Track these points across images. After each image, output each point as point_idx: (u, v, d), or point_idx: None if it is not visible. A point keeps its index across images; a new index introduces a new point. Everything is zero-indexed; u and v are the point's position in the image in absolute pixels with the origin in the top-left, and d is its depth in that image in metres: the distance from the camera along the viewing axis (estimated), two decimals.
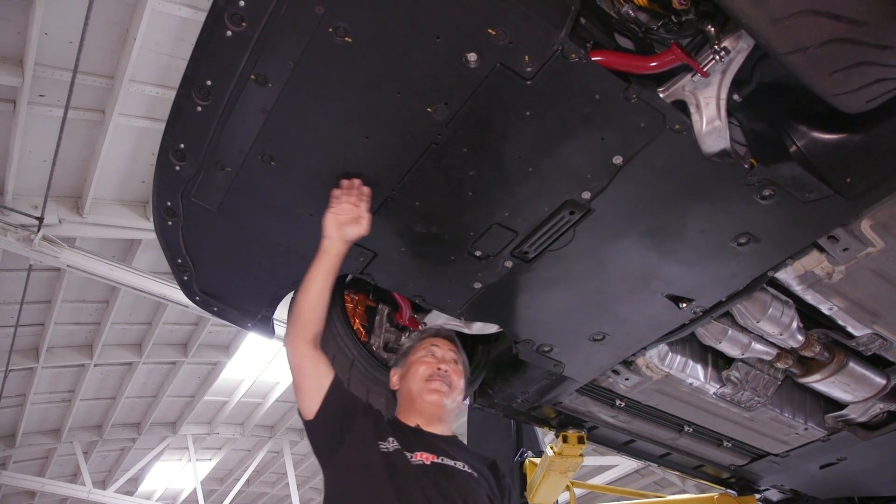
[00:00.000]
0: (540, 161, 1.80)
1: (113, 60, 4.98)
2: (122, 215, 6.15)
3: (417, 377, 1.99)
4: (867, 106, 1.53)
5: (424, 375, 1.98)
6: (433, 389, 1.96)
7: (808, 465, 3.55)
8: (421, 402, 1.96)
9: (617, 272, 2.16)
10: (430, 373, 1.99)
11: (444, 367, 2.00)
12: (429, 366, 2.00)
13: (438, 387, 1.96)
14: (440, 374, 1.98)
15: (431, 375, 1.98)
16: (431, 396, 1.95)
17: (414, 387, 1.99)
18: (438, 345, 2.07)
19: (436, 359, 2.03)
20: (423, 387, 1.97)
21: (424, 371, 1.99)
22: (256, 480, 13.47)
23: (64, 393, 9.46)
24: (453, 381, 2.00)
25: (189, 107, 1.71)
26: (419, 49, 1.56)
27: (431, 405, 1.95)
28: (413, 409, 1.97)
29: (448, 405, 1.97)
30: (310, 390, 1.83)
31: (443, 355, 2.04)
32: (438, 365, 2.00)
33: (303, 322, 1.83)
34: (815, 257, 2.25)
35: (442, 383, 1.97)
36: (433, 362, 2.01)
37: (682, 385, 2.87)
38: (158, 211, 1.98)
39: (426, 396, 1.96)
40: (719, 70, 1.70)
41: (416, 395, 1.97)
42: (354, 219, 1.81)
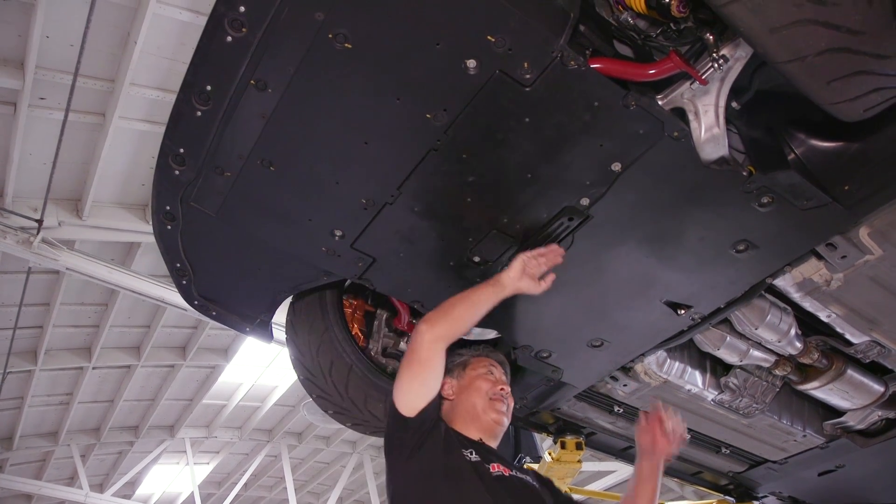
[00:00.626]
0: (539, 167, 1.80)
1: (114, 64, 4.99)
2: (122, 218, 6.15)
3: (482, 393, 2.04)
4: (865, 115, 1.54)
5: (490, 394, 2.04)
6: (498, 410, 2.02)
7: (807, 472, 3.55)
8: (486, 418, 2.00)
9: (615, 278, 2.16)
10: (495, 392, 2.05)
11: (506, 389, 2.08)
12: (492, 384, 2.06)
13: (502, 407, 2.03)
14: (503, 395, 2.06)
15: (496, 394, 2.04)
16: (496, 415, 2.01)
17: (479, 402, 2.03)
18: (496, 367, 2.14)
19: (497, 379, 2.09)
20: (488, 405, 2.02)
21: (489, 389, 2.05)
22: (254, 484, 13.44)
23: (62, 395, 9.44)
24: (510, 404, 2.08)
25: (189, 112, 1.71)
26: (419, 55, 1.56)
27: (495, 423, 2.01)
28: (475, 423, 2.00)
29: (506, 424, 2.05)
30: (423, 388, 1.84)
31: (501, 378, 2.12)
32: (501, 386, 2.07)
33: (455, 328, 1.88)
34: (814, 265, 2.25)
35: (504, 404, 2.04)
36: (496, 381, 2.08)
37: (681, 391, 2.87)
38: (158, 215, 1.98)
39: (491, 414, 2.01)
40: (718, 78, 1.70)
41: (481, 412, 2.01)
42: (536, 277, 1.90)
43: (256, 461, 11.82)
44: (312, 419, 4.44)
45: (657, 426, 2.04)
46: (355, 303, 2.58)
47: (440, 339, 1.85)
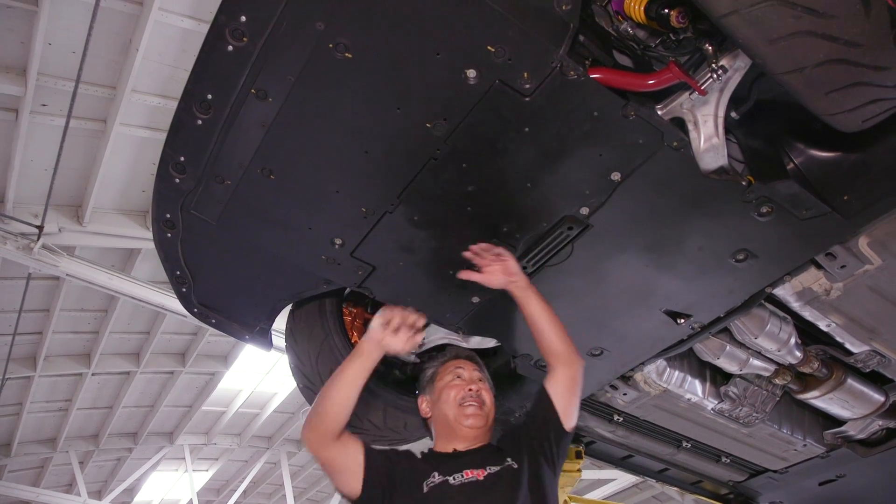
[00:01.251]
0: (538, 177, 1.81)
1: (115, 71, 5.00)
2: (123, 224, 6.14)
3: (451, 402, 1.97)
4: (863, 125, 1.54)
5: (457, 400, 1.97)
6: (469, 414, 1.94)
7: (807, 481, 3.54)
8: (459, 427, 1.94)
9: (615, 287, 2.16)
10: (462, 395, 1.97)
11: (475, 387, 1.99)
12: (459, 388, 1.99)
13: (474, 411, 1.95)
14: (472, 395, 1.97)
15: (464, 398, 1.96)
16: (469, 420, 1.93)
17: (450, 413, 1.96)
18: (462, 366, 2.06)
19: (464, 381, 2.02)
20: (458, 412, 1.95)
21: (456, 395, 1.97)
22: (253, 492, 13.38)
23: (61, 402, 9.41)
24: (485, 398, 2.00)
25: (189, 120, 1.72)
26: (419, 65, 1.57)
27: (470, 428, 1.94)
28: (452, 435, 1.95)
29: (485, 422, 1.97)
30: (347, 475, 1.80)
31: (470, 376, 2.04)
32: (468, 386, 1.99)
33: (330, 419, 1.80)
34: (813, 274, 2.25)
35: (475, 405, 1.96)
36: (462, 384, 2.00)
37: (681, 400, 2.87)
38: (158, 223, 1.98)
39: (464, 422, 1.94)
40: (717, 88, 1.71)
41: (454, 422, 1.95)
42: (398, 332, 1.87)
43: (255, 468, 11.77)
44: None
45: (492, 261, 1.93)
46: (355, 311, 2.58)
47: (323, 438, 1.80)
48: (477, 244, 1.94)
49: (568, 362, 1.94)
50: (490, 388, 2.07)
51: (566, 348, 1.94)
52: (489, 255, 1.93)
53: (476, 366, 2.10)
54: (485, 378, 2.08)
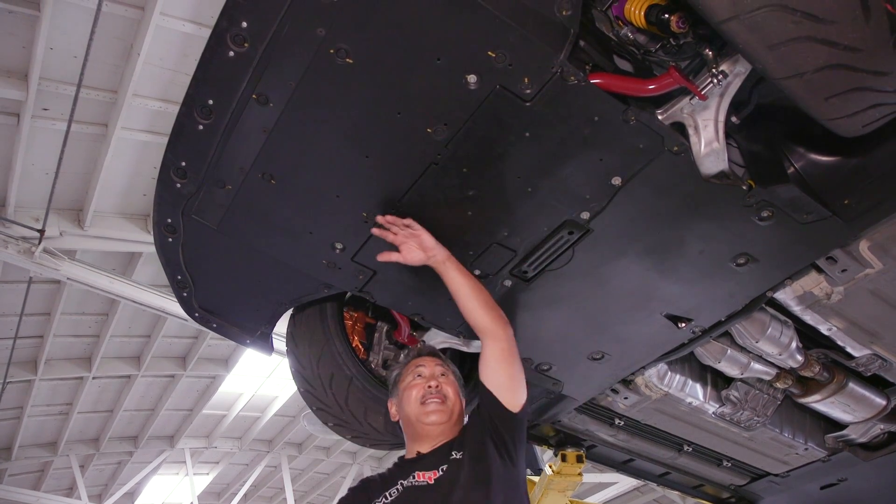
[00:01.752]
0: (539, 181, 1.81)
1: (116, 75, 5.02)
2: (124, 228, 6.16)
3: (412, 402, 1.96)
4: (863, 130, 1.54)
5: (418, 398, 1.96)
6: (430, 411, 1.93)
7: (809, 485, 3.53)
8: (422, 425, 1.93)
9: (616, 291, 2.16)
10: (423, 393, 1.96)
11: (434, 383, 1.98)
12: (419, 387, 1.97)
13: (435, 407, 1.93)
14: (432, 392, 1.95)
15: (424, 396, 1.95)
16: (430, 417, 1.92)
17: (411, 412, 1.96)
18: (423, 364, 2.04)
19: (424, 378, 2.00)
20: (419, 410, 1.94)
21: (416, 394, 1.96)
22: (254, 495, 13.36)
23: (61, 405, 9.41)
24: (447, 392, 1.97)
25: (191, 125, 1.72)
26: (419, 70, 1.57)
27: (433, 425, 1.92)
28: (417, 435, 1.95)
29: (448, 417, 1.94)
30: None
31: (430, 372, 2.02)
32: (428, 383, 1.97)
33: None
34: (814, 278, 2.25)
35: (436, 401, 1.94)
36: (422, 382, 1.98)
37: (682, 404, 2.86)
38: (159, 227, 1.99)
39: (425, 419, 1.93)
40: (717, 93, 1.71)
41: (416, 421, 1.94)
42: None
43: (256, 472, 11.76)
44: (312, 430, 4.41)
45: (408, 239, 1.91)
46: (356, 315, 2.58)
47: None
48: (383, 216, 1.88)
49: (494, 334, 1.89)
50: (455, 380, 2.05)
51: (490, 319, 1.88)
52: (399, 228, 1.88)
53: (438, 360, 2.08)
54: (448, 371, 2.05)
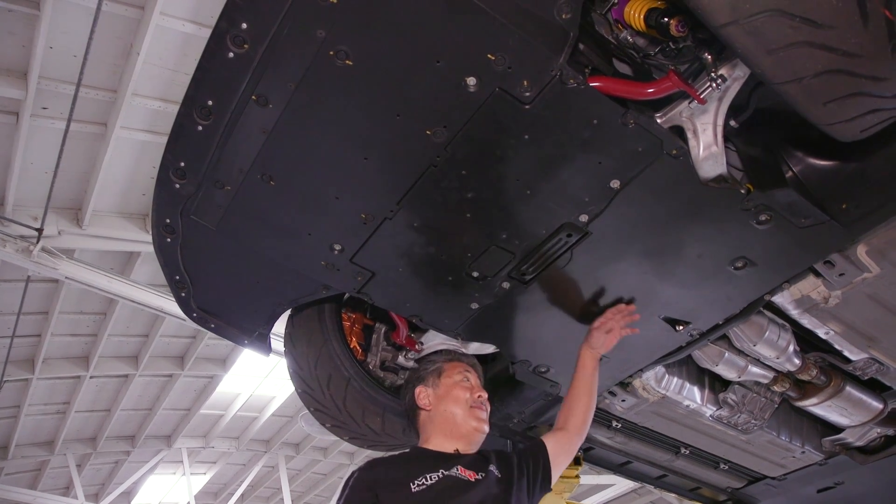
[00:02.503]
0: (538, 184, 1.81)
1: (116, 74, 5.02)
2: (122, 228, 6.15)
3: (461, 402, 2.03)
4: (861, 135, 1.55)
5: (469, 402, 2.03)
6: (483, 419, 2.02)
7: (806, 488, 3.53)
8: (466, 427, 2.00)
9: (614, 294, 2.16)
10: (474, 400, 2.04)
11: (486, 395, 2.08)
12: (471, 392, 2.05)
13: (483, 416, 2.03)
14: (482, 402, 2.05)
15: (475, 403, 2.04)
16: (477, 423, 2.01)
17: (458, 412, 2.02)
18: (472, 372, 2.12)
19: (471, 385, 2.08)
20: (468, 413, 2.01)
21: (468, 398, 2.04)
22: (251, 495, 13.35)
23: (59, 405, 9.40)
24: (489, 409, 2.08)
25: (190, 126, 1.72)
26: (419, 73, 1.57)
27: (475, 431, 2.00)
28: (455, 433, 1.99)
29: (486, 431, 2.04)
30: None
31: (477, 383, 2.10)
32: (479, 392, 2.06)
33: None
34: (812, 282, 2.25)
35: (483, 412, 2.04)
36: (473, 389, 2.07)
37: (679, 407, 2.87)
38: (157, 228, 1.99)
39: (472, 423, 2.00)
40: (716, 97, 1.72)
41: (461, 421, 2.00)
42: None
43: (254, 472, 11.75)
44: (310, 431, 4.41)
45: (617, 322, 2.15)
46: (354, 316, 2.58)
47: None
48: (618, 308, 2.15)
49: (577, 432, 2.09)
50: None
51: (584, 422, 2.10)
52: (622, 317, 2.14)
53: (480, 376, 2.17)
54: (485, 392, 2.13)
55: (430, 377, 2.10)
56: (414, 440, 2.55)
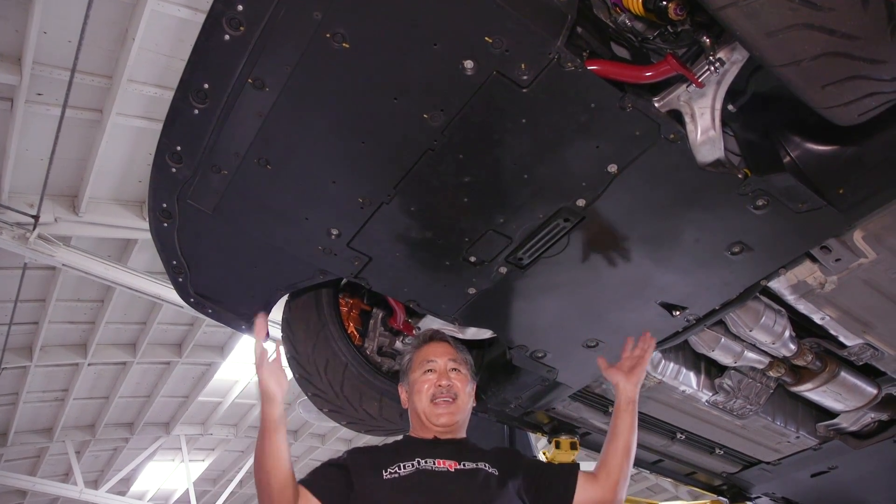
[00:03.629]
0: (535, 168, 1.81)
1: (111, 60, 4.98)
2: (119, 215, 6.14)
3: (423, 398, 1.97)
4: (859, 119, 1.54)
5: (429, 396, 1.96)
6: (440, 413, 1.94)
7: (800, 473, 3.57)
8: (431, 423, 1.95)
9: (611, 279, 2.17)
10: (433, 392, 1.96)
11: (446, 382, 1.97)
12: (430, 383, 1.98)
13: (445, 409, 1.94)
14: (443, 392, 1.96)
15: (435, 395, 1.96)
16: (441, 419, 1.94)
17: (420, 407, 1.97)
18: (435, 357, 2.03)
19: (436, 374, 1.99)
20: (430, 409, 1.95)
21: (427, 391, 1.97)
22: (250, 482, 13.40)
23: (57, 392, 9.42)
24: (458, 392, 1.98)
25: (186, 110, 1.71)
26: (416, 56, 1.57)
27: (442, 427, 1.95)
28: (426, 428, 1.97)
29: (458, 418, 1.97)
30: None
31: (443, 367, 2.00)
32: (439, 382, 1.97)
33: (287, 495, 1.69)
34: (808, 267, 2.26)
35: (447, 401, 1.95)
36: (434, 379, 1.98)
37: (675, 392, 2.88)
38: (154, 212, 1.98)
39: (434, 420, 1.95)
40: (714, 81, 1.71)
41: (425, 417, 1.96)
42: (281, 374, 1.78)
43: (252, 459, 11.80)
44: (308, 417, 4.42)
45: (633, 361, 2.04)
46: (351, 302, 2.58)
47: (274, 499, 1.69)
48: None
49: (606, 491, 1.91)
50: (466, 371, 2.05)
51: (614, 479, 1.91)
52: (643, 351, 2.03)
53: (449, 350, 2.06)
54: (460, 362, 2.04)
55: (404, 375, 2.09)
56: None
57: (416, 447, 1.91)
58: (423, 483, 1.78)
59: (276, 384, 1.74)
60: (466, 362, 2.08)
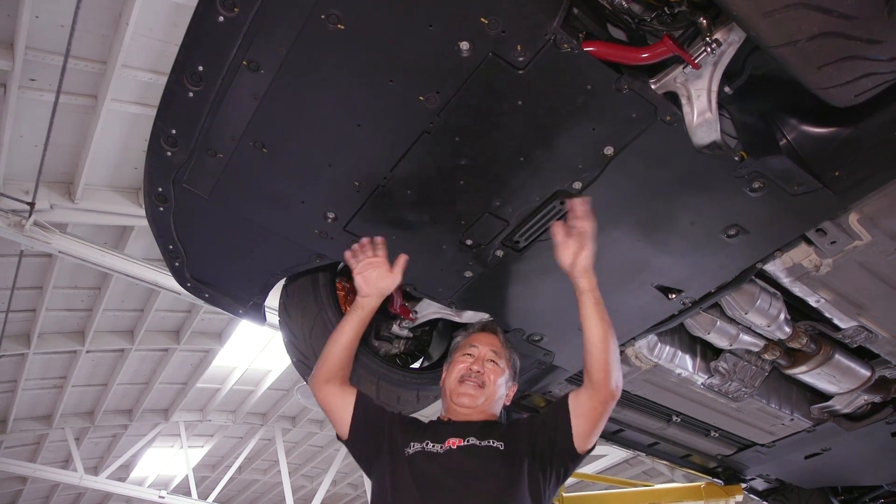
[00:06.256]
0: (531, 151, 1.80)
1: (105, 45, 4.93)
2: (115, 202, 6.10)
3: (452, 376, 2.05)
4: (856, 100, 1.54)
5: (458, 376, 2.04)
6: (462, 392, 2.01)
7: (794, 455, 3.60)
8: (452, 402, 2.03)
9: (607, 263, 2.16)
10: (463, 374, 2.03)
11: (477, 368, 2.03)
12: (464, 366, 2.05)
13: (468, 390, 2.01)
14: (472, 375, 2.02)
15: (464, 377, 2.03)
16: (461, 399, 2.01)
17: (448, 385, 2.06)
18: (478, 343, 2.10)
19: (473, 358, 2.06)
20: (454, 387, 2.04)
21: (459, 371, 2.05)
22: (248, 468, 13.50)
23: (55, 379, 9.43)
24: (486, 381, 2.03)
25: (181, 92, 1.71)
26: (412, 37, 1.56)
27: (460, 407, 2.01)
28: (449, 406, 2.05)
29: (479, 403, 2.00)
30: (340, 416, 1.96)
31: (482, 354, 2.07)
32: (472, 366, 2.04)
33: (334, 367, 1.96)
34: (803, 250, 2.27)
35: (473, 385, 2.01)
36: (468, 362, 2.05)
37: (671, 375, 2.90)
38: (150, 197, 1.98)
39: (455, 399, 2.02)
40: (711, 62, 1.70)
41: (449, 396, 2.04)
42: (383, 272, 1.95)
43: (250, 445, 11.87)
44: (306, 402, 4.43)
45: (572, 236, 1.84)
46: (348, 286, 2.58)
47: (324, 383, 1.98)
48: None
49: (595, 391, 1.82)
50: (505, 367, 2.09)
51: (600, 376, 1.81)
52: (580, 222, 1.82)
53: (494, 341, 2.12)
54: (501, 355, 2.09)
55: (450, 355, 2.17)
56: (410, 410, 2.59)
57: (436, 428, 1.97)
58: (417, 465, 1.83)
59: (362, 282, 1.96)
60: (509, 359, 2.13)
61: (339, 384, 1.98)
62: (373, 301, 1.97)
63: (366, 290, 1.96)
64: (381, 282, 1.96)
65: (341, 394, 1.97)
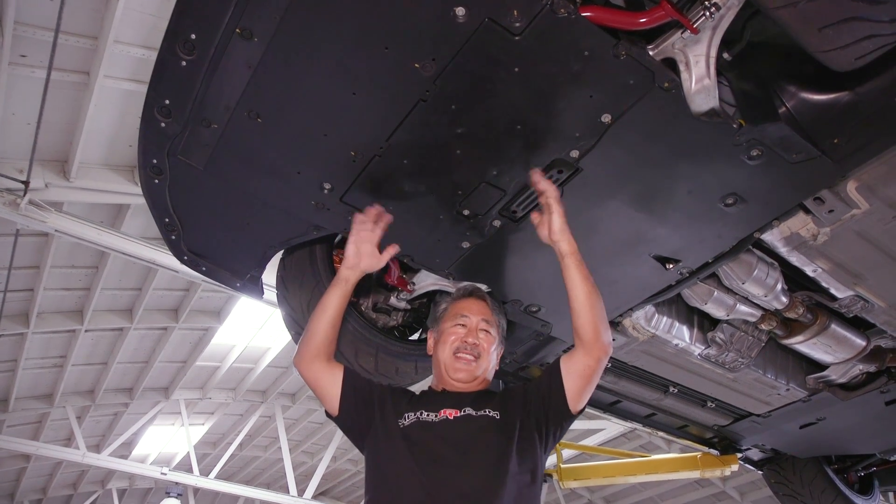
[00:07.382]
0: (528, 119, 1.79)
1: (97, 20, 4.86)
2: (110, 180, 6.06)
3: (447, 349, 2.02)
4: (856, 63, 1.53)
5: (453, 348, 2.01)
6: (459, 367, 1.99)
7: (789, 425, 3.64)
8: (448, 376, 2.00)
9: (604, 232, 2.17)
10: (458, 346, 2.01)
11: (472, 340, 2.02)
12: (458, 338, 2.02)
13: (464, 366, 1.99)
14: (467, 347, 2.01)
15: (459, 349, 2.01)
16: (459, 374, 1.99)
17: (442, 358, 2.03)
18: (469, 313, 2.06)
19: (466, 329, 2.04)
20: (450, 362, 2.01)
21: (453, 343, 2.02)
22: (249, 444, 13.63)
23: (55, 358, 9.47)
24: (482, 352, 2.02)
25: (173, 62, 1.68)
26: (407, 3, 1.53)
27: (457, 379, 1.99)
28: (443, 378, 2.03)
29: (476, 375, 2.01)
30: (329, 392, 1.94)
31: (475, 324, 2.05)
32: (466, 338, 2.02)
33: (318, 343, 1.93)
34: (801, 219, 2.27)
35: (469, 357, 2.00)
36: (462, 334, 2.03)
37: (668, 346, 2.92)
38: (144, 169, 1.96)
39: (452, 373, 2.00)
40: (709, 27, 1.68)
41: (445, 368, 2.02)
42: (374, 251, 1.95)
43: (251, 422, 11.97)
44: None
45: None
46: None
47: (311, 360, 1.94)
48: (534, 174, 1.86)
49: (587, 350, 1.84)
50: (496, 333, 2.08)
51: (590, 335, 1.83)
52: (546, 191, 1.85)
53: (485, 309, 2.09)
54: (492, 324, 2.08)
55: (435, 322, 2.14)
56: (408, 381, 2.60)
57: (429, 398, 1.97)
58: (413, 436, 1.83)
59: (353, 252, 1.95)
60: (498, 325, 2.12)
61: (326, 360, 1.94)
62: (356, 275, 1.96)
63: (353, 261, 1.94)
64: (369, 259, 1.95)
65: (329, 370, 1.95)
